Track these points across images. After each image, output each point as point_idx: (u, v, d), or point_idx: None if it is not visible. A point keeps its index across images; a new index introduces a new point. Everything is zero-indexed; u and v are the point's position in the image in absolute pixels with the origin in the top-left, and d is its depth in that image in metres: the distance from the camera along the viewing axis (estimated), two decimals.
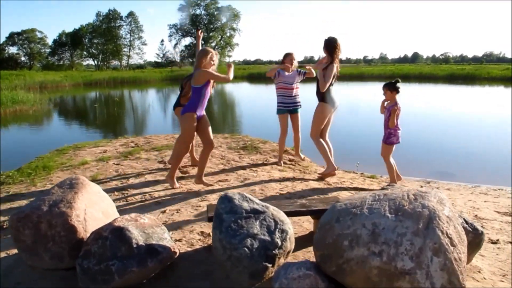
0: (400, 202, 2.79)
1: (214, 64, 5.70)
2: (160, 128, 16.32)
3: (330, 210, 2.98)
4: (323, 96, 6.42)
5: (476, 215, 5.29)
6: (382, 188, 3.59)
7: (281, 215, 3.44)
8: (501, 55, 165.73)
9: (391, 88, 5.99)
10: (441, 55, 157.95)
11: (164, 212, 4.96)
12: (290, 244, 3.38)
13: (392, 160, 6.25)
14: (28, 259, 3.65)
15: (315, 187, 6.00)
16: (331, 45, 6.30)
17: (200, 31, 7.01)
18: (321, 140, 6.56)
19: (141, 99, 35.50)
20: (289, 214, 3.90)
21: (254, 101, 28.50)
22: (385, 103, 6.14)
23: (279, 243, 3.25)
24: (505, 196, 6.80)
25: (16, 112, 21.12)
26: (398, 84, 6.01)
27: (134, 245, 3.23)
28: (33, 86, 37.74)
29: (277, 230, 3.31)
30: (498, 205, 6.04)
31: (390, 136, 6.07)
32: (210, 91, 5.71)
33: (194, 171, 6.79)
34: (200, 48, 6.18)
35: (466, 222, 3.44)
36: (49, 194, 3.76)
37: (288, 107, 7.11)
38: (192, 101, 5.64)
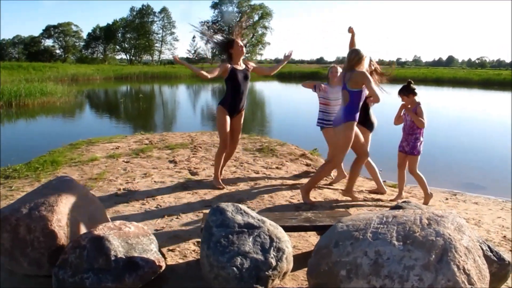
0: (410, 227, 2.38)
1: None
2: (185, 125, 16.13)
3: (330, 231, 2.60)
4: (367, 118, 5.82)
5: (504, 236, 4.79)
6: (394, 207, 3.18)
7: (278, 231, 3.07)
8: None
9: (406, 93, 5.46)
10: (477, 59, 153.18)
11: (163, 217, 4.65)
12: (287, 265, 3.01)
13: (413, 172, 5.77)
14: (7, 263, 3.40)
15: (328, 196, 5.60)
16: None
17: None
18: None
19: (169, 94, 35.62)
20: (291, 229, 3.54)
21: (283, 101, 28.03)
22: (402, 111, 5.62)
23: (274, 263, 2.89)
24: None
25: (44, 103, 21.30)
26: (412, 86, 5.47)
27: (112, 258, 2.92)
28: (65, 78, 38.25)
29: (272, 248, 2.94)
30: None
31: (416, 145, 5.51)
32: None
33: (204, 172, 6.49)
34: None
35: (491, 250, 3.00)
36: (32, 195, 3.50)
37: (328, 125, 6.29)
38: (351, 107, 4.89)
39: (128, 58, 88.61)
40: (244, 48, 5.68)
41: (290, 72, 58.12)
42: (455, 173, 9.21)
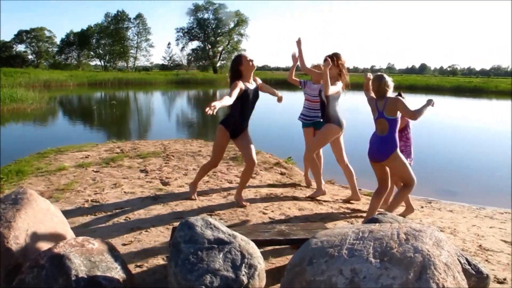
0: (387, 243, 2.27)
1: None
2: (159, 132, 15.89)
3: (303, 247, 2.47)
4: (329, 117, 5.66)
5: (480, 245, 4.75)
6: (370, 220, 3.07)
7: (250, 246, 2.92)
8: (509, 69, 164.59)
9: None
10: (449, 67, 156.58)
11: (131, 230, 4.45)
12: (260, 282, 2.86)
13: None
14: None
15: (303, 206, 5.47)
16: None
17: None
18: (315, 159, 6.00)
19: (144, 101, 35.17)
20: (264, 243, 3.40)
21: (257, 108, 27.90)
22: None
23: (245, 280, 2.74)
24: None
25: (14, 110, 20.71)
26: (403, 96, 5.40)
27: (73, 277, 2.73)
28: (37, 84, 37.36)
29: (243, 265, 2.79)
30: (505, 232, 5.51)
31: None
32: None
33: (176, 182, 6.30)
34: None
35: (469, 263, 2.92)
36: None
37: (309, 121, 6.38)
38: (394, 135, 4.77)
39: (103, 64, 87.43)
40: (254, 62, 5.16)
41: (266, 79, 58.10)
42: (430, 180, 9.20)
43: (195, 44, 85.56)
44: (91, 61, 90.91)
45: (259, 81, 5.48)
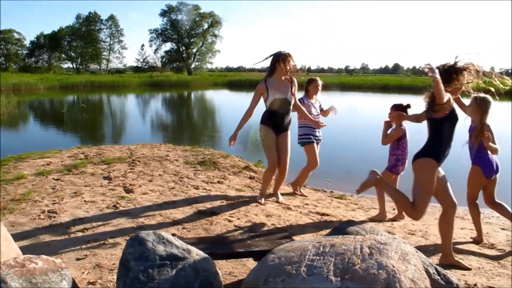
0: (350, 258, 2.09)
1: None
2: (130, 137, 15.53)
3: (259, 266, 2.27)
4: None
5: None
6: (336, 229, 2.89)
7: (206, 262, 2.71)
8: None
9: (399, 109, 5.27)
10: (421, 67, 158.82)
11: (87, 243, 4.18)
12: None
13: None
14: None
15: (271, 212, 5.27)
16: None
17: None
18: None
19: (117, 104, 34.59)
20: (223, 256, 3.19)
21: (232, 110, 27.74)
22: (389, 130, 5.40)
23: None
24: (483, 222, 6.18)
25: None
26: (408, 109, 5.19)
27: None
28: (3, 88, 36.27)
29: (197, 282, 2.58)
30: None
31: (397, 164, 5.39)
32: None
33: (140, 189, 6.03)
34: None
35: (438, 273, 2.76)
36: None
37: (318, 138, 6.20)
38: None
39: (75, 67, 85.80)
40: None
41: (241, 80, 58.10)
42: (401, 179, 9.10)
43: (168, 45, 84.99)
44: (63, 64, 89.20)
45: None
